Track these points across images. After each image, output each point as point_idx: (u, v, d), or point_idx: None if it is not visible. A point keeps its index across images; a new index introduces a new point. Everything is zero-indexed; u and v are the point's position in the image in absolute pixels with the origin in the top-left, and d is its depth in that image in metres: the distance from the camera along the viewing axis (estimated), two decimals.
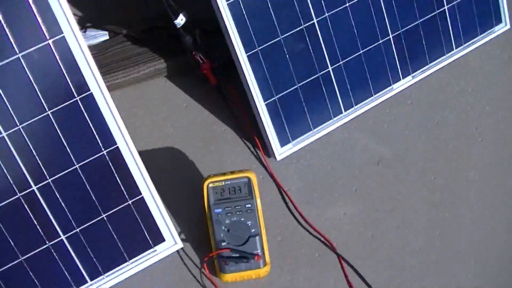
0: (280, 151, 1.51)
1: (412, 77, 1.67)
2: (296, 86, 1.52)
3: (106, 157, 1.29)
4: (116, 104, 1.26)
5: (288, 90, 1.49)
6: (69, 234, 1.29)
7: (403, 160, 1.56)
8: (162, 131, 1.54)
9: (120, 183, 1.30)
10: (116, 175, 1.30)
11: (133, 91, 1.59)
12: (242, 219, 1.35)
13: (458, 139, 1.62)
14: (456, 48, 1.72)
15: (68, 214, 1.28)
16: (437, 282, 1.45)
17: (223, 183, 1.36)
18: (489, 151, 1.62)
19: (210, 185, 1.35)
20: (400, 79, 1.66)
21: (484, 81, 1.70)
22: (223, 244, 1.35)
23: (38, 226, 1.26)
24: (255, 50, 1.44)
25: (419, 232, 1.51)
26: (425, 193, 1.53)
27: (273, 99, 1.48)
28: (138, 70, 1.58)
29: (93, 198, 1.29)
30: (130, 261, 1.35)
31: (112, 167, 1.31)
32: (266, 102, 1.46)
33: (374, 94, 1.63)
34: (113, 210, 1.32)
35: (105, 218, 1.31)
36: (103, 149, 1.28)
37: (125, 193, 1.30)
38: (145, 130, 1.54)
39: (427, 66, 1.69)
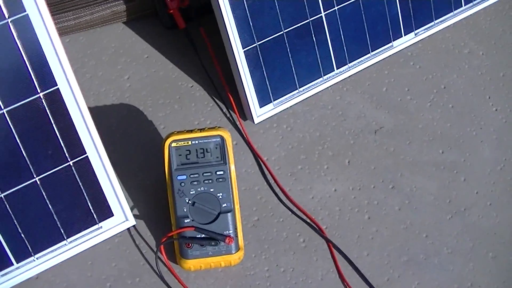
0: (259, 112, 1.31)
1: (415, 34, 1.49)
2: (282, 32, 1.31)
3: (43, 101, 1.08)
4: (64, 51, 1.09)
5: (273, 36, 1.30)
6: None
7: (404, 130, 1.38)
8: (117, 85, 1.39)
9: (59, 136, 1.10)
10: (54, 125, 1.07)
11: (84, 37, 1.46)
12: (211, 190, 1.14)
13: (468, 108, 1.42)
14: (464, 5, 1.54)
15: None
16: (446, 276, 1.23)
17: (190, 142, 1.10)
18: (505, 124, 1.41)
19: (173, 144, 1.08)
20: (401, 36, 1.47)
21: (497, 44, 1.53)
22: (186, 221, 1.14)
23: None
24: None
25: (426, 215, 1.28)
26: (431, 168, 1.33)
27: (253, 45, 1.28)
28: (91, 11, 1.43)
29: (23, 153, 1.08)
30: (68, 239, 1.16)
31: (49, 115, 1.09)
32: (245, 49, 1.26)
33: (372, 51, 1.44)
34: (49, 172, 1.12)
35: (38, 181, 1.11)
36: (39, 91, 1.00)
37: (65, 151, 1.10)
38: (97, 83, 1.39)
39: (432, 24, 1.51)
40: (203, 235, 1.14)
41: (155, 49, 1.44)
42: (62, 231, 1.14)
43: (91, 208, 1.15)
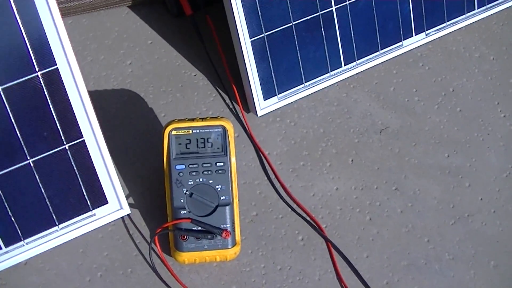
0: (263, 105, 1.27)
1: (426, 35, 1.46)
2: (291, 24, 1.27)
3: (40, 80, 1.03)
4: (66, 33, 1.05)
5: (281, 28, 1.27)
6: None
7: (410, 131, 1.34)
8: (119, 71, 1.36)
9: (55, 118, 1.06)
10: (51, 106, 1.03)
11: (88, 19, 1.42)
12: (210, 182, 1.09)
13: (476, 112, 1.38)
14: (477, 9, 1.51)
15: None
16: (446, 283, 1.19)
17: (191, 131, 1.06)
18: None
19: (173, 132, 1.04)
20: (412, 35, 1.44)
21: (508, 50, 1.49)
22: (182, 212, 1.09)
23: None
24: None
25: (429, 219, 1.24)
26: (436, 172, 1.30)
27: (261, 36, 1.25)
28: None
29: (17, 134, 1.04)
30: (60, 225, 1.12)
31: (46, 95, 1.05)
32: (252, 39, 1.23)
33: (381, 49, 1.41)
34: (43, 155, 1.08)
35: (31, 164, 1.07)
36: (37, 69, 0.96)
37: (61, 134, 1.06)
38: (98, 67, 1.36)
39: (444, 25, 1.47)
40: (199, 228, 1.10)
41: (160, 35, 1.41)
42: (54, 217, 1.10)
43: (85, 194, 1.11)
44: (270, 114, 1.31)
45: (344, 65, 1.35)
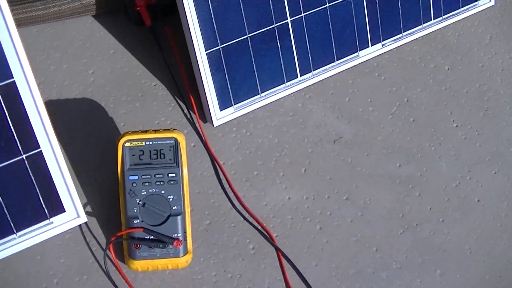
0: (219, 115, 1.30)
1: (382, 45, 1.48)
2: (246, 36, 1.30)
3: None
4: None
5: (236, 40, 1.30)
6: None
7: (364, 141, 1.37)
8: (81, 79, 1.37)
9: (12, 129, 1.10)
10: (8, 118, 1.07)
11: (52, 28, 1.43)
12: (162, 192, 1.13)
13: (429, 122, 1.42)
14: (434, 19, 1.54)
15: None
16: None
17: (144, 143, 1.10)
18: (464, 141, 1.41)
19: (127, 144, 1.08)
20: (368, 46, 1.46)
21: (463, 60, 1.52)
22: (135, 222, 1.13)
23: None
24: None
25: (378, 229, 1.28)
26: (388, 182, 1.33)
27: (216, 48, 1.28)
28: (60, 2, 1.40)
29: None
30: (18, 233, 1.16)
31: (3, 107, 1.08)
32: (208, 51, 1.26)
33: (337, 60, 1.43)
34: (1, 165, 1.11)
35: None
36: None
37: (18, 144, 1.09)
38: (61, 75, 1.37)
39: (400, 36, 1.50)
40: (151, 237, 1.13)
41: (122, 45, 1.43)
42: (12, 225, 1.13)
43: (42, 203, 1.15)
44: (227, 124, 1.34)
45: (300, 76, 1.38)
